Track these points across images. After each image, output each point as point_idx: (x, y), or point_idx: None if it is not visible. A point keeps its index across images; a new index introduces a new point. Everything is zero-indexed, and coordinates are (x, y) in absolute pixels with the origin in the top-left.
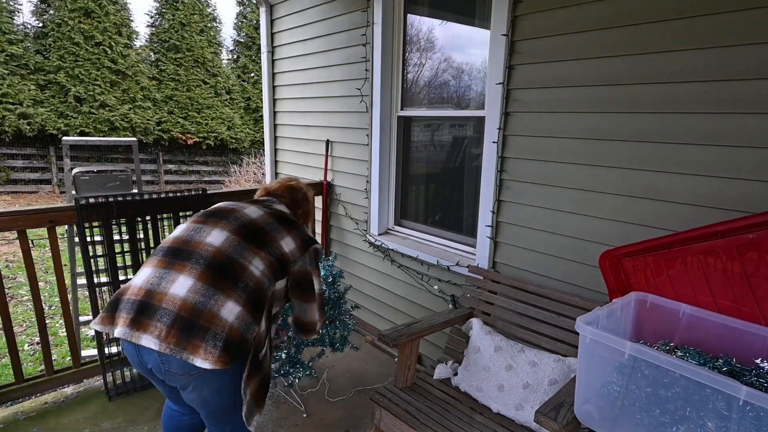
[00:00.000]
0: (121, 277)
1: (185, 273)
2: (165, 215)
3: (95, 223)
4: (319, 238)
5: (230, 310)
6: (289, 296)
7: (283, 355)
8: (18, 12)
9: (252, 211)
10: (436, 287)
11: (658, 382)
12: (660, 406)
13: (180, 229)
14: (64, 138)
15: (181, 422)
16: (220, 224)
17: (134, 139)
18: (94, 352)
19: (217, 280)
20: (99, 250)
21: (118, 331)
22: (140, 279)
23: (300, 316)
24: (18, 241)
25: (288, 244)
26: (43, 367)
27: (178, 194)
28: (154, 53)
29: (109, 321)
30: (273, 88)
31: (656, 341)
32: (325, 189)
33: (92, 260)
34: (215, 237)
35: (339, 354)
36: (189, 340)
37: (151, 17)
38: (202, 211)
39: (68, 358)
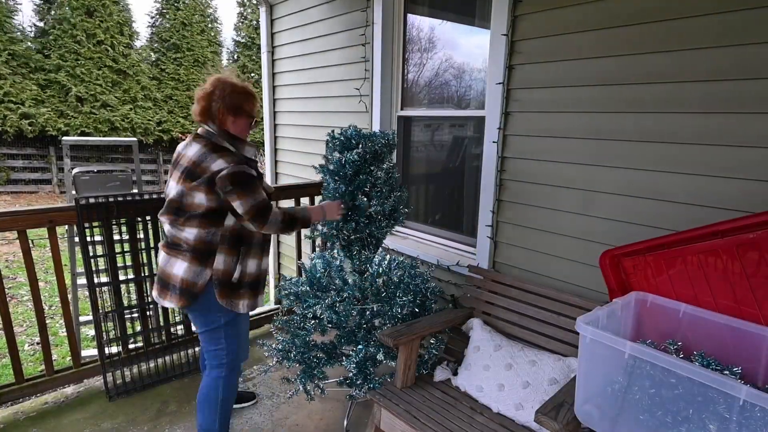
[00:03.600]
0: (122, 277)
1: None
2: None
3: (95, 223)
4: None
5: (179, 267)
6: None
7: (354, 366)
8: (18, 11)
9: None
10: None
11: (658, 382)
12: (661, 407)
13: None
14: (64, 138)
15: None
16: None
17: (134, 139)
18: (95, 352)
19: (172, 244)
20: (99, 250)
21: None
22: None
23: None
24: (18, 241)
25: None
26: (43, 367)
27: None
28: (154, 53)
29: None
30: (273, 88)
31: (662, 341)
32: None
33: (92, 260)
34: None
35: None
36: (163, 292)
37: (152, 17)
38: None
39: (68, 358)
